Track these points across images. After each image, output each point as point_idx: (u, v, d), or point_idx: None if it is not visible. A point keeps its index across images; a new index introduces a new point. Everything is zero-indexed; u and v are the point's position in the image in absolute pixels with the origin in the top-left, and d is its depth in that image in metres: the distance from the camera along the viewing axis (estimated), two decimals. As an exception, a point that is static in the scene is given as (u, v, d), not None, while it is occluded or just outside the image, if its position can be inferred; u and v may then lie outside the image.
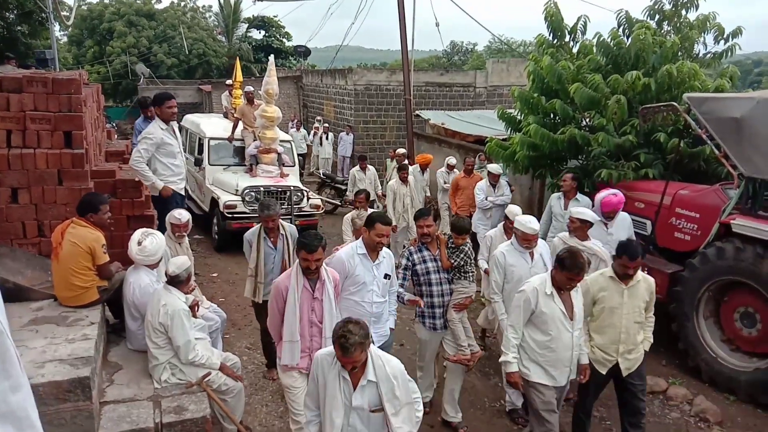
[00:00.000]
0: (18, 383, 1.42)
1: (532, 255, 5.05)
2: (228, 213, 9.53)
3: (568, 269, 3.95)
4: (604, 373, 4.50)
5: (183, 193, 6.95)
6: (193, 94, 30.19)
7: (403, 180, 9.27)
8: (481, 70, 20.60)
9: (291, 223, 9.63)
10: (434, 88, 18.96)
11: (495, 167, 8.72)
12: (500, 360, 4.30)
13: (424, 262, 4.90)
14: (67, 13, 21.40)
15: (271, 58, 11.05)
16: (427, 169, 11.08)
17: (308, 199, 10.31)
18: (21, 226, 5.36)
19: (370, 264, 4.42)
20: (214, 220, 10.18)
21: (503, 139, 9.19)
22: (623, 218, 6.12)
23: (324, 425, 3.23)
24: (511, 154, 8.57)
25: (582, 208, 5.68)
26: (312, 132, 18.55)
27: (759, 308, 5.60)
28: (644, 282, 4.46)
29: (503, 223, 6.25)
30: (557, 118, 8.40)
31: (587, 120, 8.25)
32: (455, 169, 10.48)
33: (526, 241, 4.97)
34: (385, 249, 4.54)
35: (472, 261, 5.02)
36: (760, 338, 5.61)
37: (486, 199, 8.61)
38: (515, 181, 10.14)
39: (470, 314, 5.42)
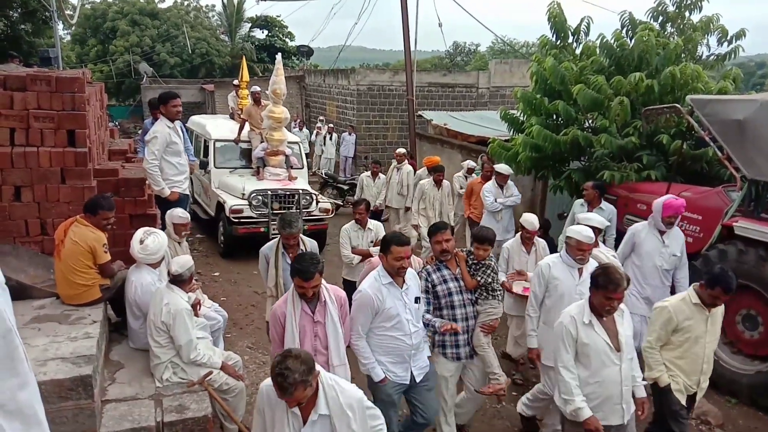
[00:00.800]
0: (25, 381, 1.43)
1: (581, 272, 4.55)
2: (234, 218, 9.22)
3: (603, 287, 3.56)
4: (684, 402, 4.21)
5: (188, 192, 6.95)
6: (196, 93, 30.21)
7: (438, 182, 8.78)
8: (484, 71, 20.60)
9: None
10: (437, 89, 18.96)
11: (504, 167, 8.25)
12: (568, 411, 3.71)
13: (445, 282, 4.39)
14: (71, 12, 21.46)
15: (279, 56, 10.74)
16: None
17: (317, 202, 9.94)
18: (24, 224, 5.37)
19: (398, 292, 3.94)
20: (220, 225, 9.87)
21: (506, 140, 9.20)
22: (677, 232, 5.63)
23: None
24: (514, 155, 8.57)
25: (590, 214, 5.50)
26: (314, 132, 18.56)
27: (761, 311, 5.59)
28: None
29: (520, 233, 6.00)
30: (560, 119, 8.40)
31: (590, 121, 8.25)
32: (474, 174, 9.85)
33: (581, 252, 4.45)
34: (408, 270, 4.07)
35: (498, 276, 4.60)
36: (762, 341, 5.60)
37: (495, 200, 8.07)
38: (518, 182, 10.13)
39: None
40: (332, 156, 17.53)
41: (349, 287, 5.50)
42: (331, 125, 18.13)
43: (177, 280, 4.45)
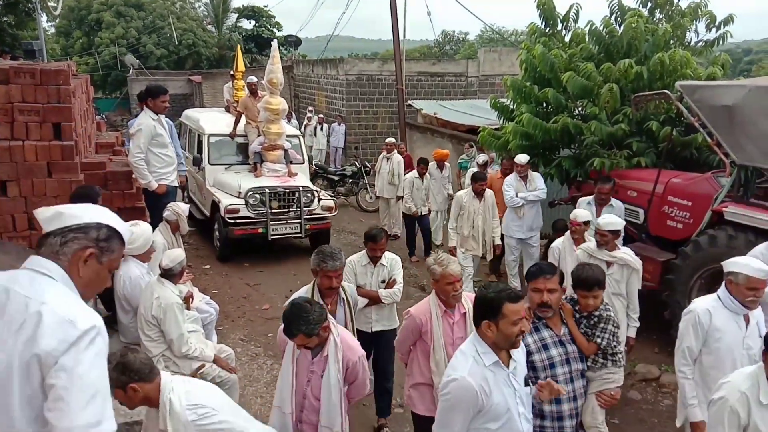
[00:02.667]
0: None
1: (747, 319, 3.53)
2: (230, 218, 8.62)
3: None
4: None
5: (176, 184, 6.89)
6: (183, 85, 29.98)
7: (479, 194, 7.14)
8: (473, 60, 20.56)
9: (301, 228, 8.95)
10: (426, 78, 18.90)
11: (522, 157, 7.48)
12: None
13: (545, 349, 3.18)
14: (54, 4, 21.14)
15: (275, 44, 9.88)
16: (446, 165, 10.00)
17: (319, 200, 9.27)
18: (11, 219, 5.32)
19: (505, 373, 2.67)
20: (216, 226, 9.23)
21: (496, 129, 9.18)
22: None
23: None
24: (504, 143, 8.56)
25: (611, 216, 5.09)
26: (303, 123, 18.49)
27: (751, 295, 5.64)
28: None
29: (569, 230, 5.44)
30: (550, 107, 8.39)
31: (580, 109, 8.25)
32: (487, 170, 8.92)
33: (752, 292, 3.36)
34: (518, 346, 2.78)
35: (618, 333, 3.51)
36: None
37: (516, 195, 7.37)
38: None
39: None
40: (323, 147, 17.46)
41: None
42: (321, 116, 18.04)
43: (168, 274, 4.42)
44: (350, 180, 13.54)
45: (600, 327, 3.37)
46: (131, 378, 2.70)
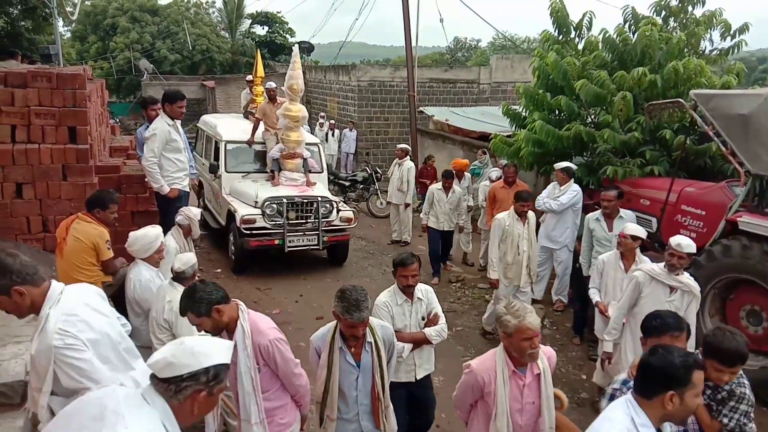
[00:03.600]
0: None
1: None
2: (246, 229, 8.23)
3: None
4: None
5: (188, 189, 6.92)
6: (197, 90, 30.18)
7: (521, 215, 6.20)
8: (485, 67, 20.56)
9: (319, 240, 8.57)
10: (438, 85, 18.93)
11: (563, 164, 7.23)
12: None
13: None
14: (71, 9, 21.43)
15: (296, 49, 9.46)
16: (465, 176, 9.69)
17: (338, 211, 8.87)
18: (26, 221, 5.37)
19: None
20: (231, 237, 8.86)
21: (508, 136, 9.17)
22: None
23: None
24: (516, 150, 8.55)
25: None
26: (316, 129, 18.55)
27: (765, 306, 5.57)
28: None
29: (618, 243, 5.13)
30: (562, 114, 8.37)
31: (592, 116, 8.22)
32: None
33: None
34: None
35: (751, 411, 3.06)
36: (766, 336, 5.58)
37: (545, 199, 7.24)
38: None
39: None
40: (334, 152, 17.51)
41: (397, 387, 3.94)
42: (333, 121, 18.10)
43: (180, 278, 4.43)
44: (361, 186, 13.56)
45: (730, 405, 2.96)
46: (12, 280, 2.52)
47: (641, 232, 4.87)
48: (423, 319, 4.13)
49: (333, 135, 17.52)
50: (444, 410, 5.22)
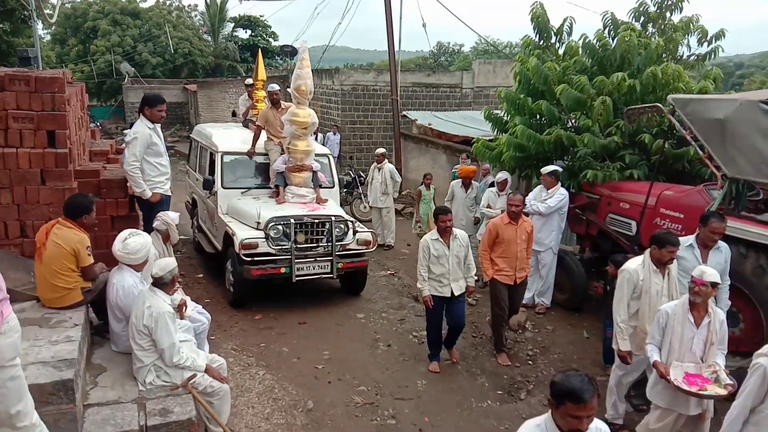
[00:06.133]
0: None
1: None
2: (246, 255, 6.97)
3: None
4: None
5: (170, 193, 6.86)
6: (179, 93, 30.02)
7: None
8: (468, 71, 20.69)
9: (332, 267, 7.28)
10: (421, 89, 19.01)
11: (550, 168, 7.25)
12: None
13: None
14: (51, 11, 21.19)
15: (304, 45, 8.16)
16: (473, 185, 9.03)
17: (355, 232, 7.61)
18: (3, 226, 5.30)
19: None
20: (228, 264, 7.53)
21: (490, 140, 9.22)
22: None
23: None
24: (498, 154, 8.60)
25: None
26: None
27: (741, 307, 5.66)
28: None
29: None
30: (543, 119, 8.45)
31: (573, 121, 8.31)
32: (507, 188, 8.10)
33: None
34: None
35: None
36: (743, 337, 5.67)
37: (533, 201, 7.21)
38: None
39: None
40: (317, 156, 17.42)
41: None
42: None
43: (159, 283, 4.40)
44: (345, 190, 13.55)
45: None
46: None
47: (719, 278, 4.06)
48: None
49: (316, 139, 17.45)
50: (428, 414, 5.24)
